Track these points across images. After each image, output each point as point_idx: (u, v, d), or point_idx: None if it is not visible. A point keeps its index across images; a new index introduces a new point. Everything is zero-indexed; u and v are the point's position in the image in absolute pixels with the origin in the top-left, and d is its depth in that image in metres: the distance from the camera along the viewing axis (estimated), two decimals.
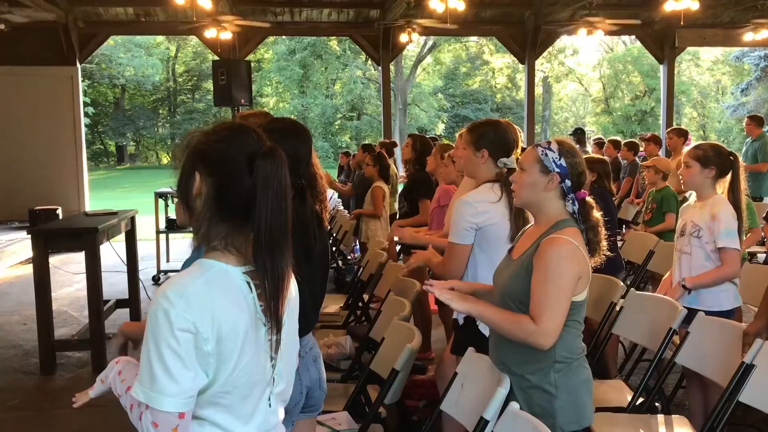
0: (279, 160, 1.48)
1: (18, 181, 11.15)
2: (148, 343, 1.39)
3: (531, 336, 2.12)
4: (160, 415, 1.39)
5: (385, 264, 4.70)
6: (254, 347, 1.48)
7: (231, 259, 1.48)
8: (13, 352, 5.79)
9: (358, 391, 3.16)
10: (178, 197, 1.53)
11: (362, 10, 12.04)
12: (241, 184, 1.46)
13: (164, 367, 1.37)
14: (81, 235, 5.34)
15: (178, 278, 1.44)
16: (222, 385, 1.45)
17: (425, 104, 36.45)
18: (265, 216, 1.44)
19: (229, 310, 1.43)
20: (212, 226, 1.48)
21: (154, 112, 39.33)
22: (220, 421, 1.48)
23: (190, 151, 1.51)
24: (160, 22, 11.98)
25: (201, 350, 1.40)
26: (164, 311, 1.37)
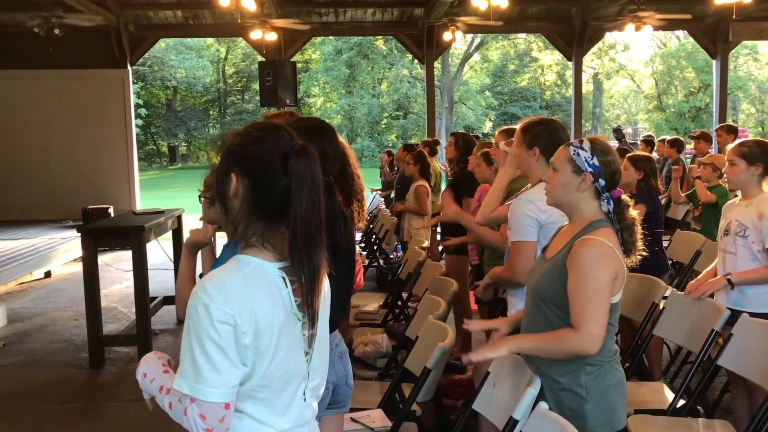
0: (311, 157, 1.52)
1: (72, 180, 11.52)
2: (189, 336, 1.43)
3: (576, 345, 2.10)
4: (206, 407, 1.42)
5: (424, 263, 4.70)
6: (290, 342, 1.52)
7: (267, 256, 1.52)
8: (65, 347, 5.99)
9: (393, 389, 3.17)
10: (216, 198, 1.57)
11: (406, 9, 12.03)
12: (276, 183, 1.49)
13: (208, 359, 1.41)
14: (128, 233, 5.49)
15: (217, 273, 1.48)
16: (259, 379, 1.48)
17: (472, 102, 36.22)
18: (300, 213, 1.48)
19: (265, 305, 1.47)
20: (249, 224, 1.51)
21: (205, 113, 40.04)
22: (257, 414, 1.52)
23: (225, 152, 1.55)
24: (207, 24, 12.20)
25: (239, 343, 1.43)
26: (204, 305, 1.41)
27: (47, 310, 7.28)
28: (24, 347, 6.00)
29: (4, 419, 4.48)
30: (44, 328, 6.62)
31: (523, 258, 2.80)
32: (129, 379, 5.22)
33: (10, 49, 11.28)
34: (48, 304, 7.61)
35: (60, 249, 8.74)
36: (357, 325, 4.60)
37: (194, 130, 39.11)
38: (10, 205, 11.31)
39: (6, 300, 7.46)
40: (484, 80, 38.58)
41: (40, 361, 5.64)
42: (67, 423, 4.44)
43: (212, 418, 1.43)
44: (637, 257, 2.27)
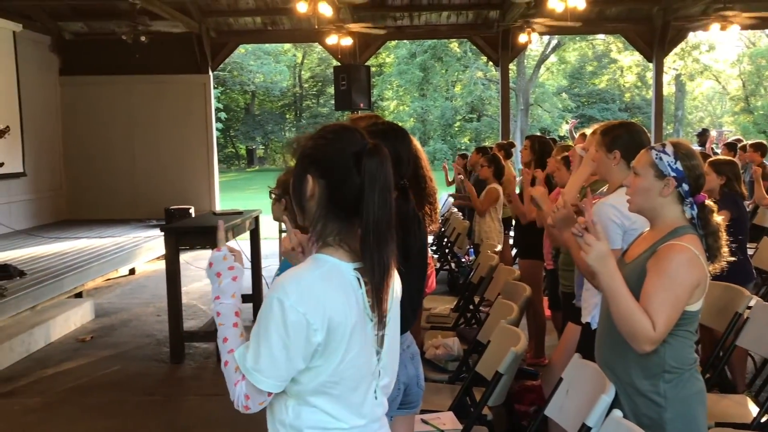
0: (383, 156, 1.56)
1: (156, 182, 11.99)
2: (260, 324, 1.50)
3: (643, 337, 2.02)
4: (254, 390, 1.52)
5: (497, 267, 4.67)
6: (362, 341, 1.56)
7: (343, 255, 1.56)
8: (147, 341, 6.24)
9: (464, 392, 3.17)
10: (293, 200, 1.62)
11: (481, 12, 11.97)
12: (350, 183, 1.53)
13: (270, 351, 1.48)
14: (208, 232, 5.69)
15: (295, 271, 1.53)
16: (330, 375, 1.53)
17: (548, 104, 35.62)
18: (373, 210, 1.52)
19: (340, 304, 1.51)
20: (327, 223, 1.56)
21: (282, 117, 40.88)
22: (330, 410, 1.56)
23: (300, 155, 1.60)
24: (285, 30, 12.47)
25: (309, 341, 1.48)
26: (279, 301, 1.47)
27: (131, 306, 7.60)
28: (110, 341, 6.29)
29: (92, 409, 4.71)
30: (128, 323, 6.92)
31: None
32: (207, 374, 5.42)
33: (100, 55, 11.84)
34: (132, 300, 7.95)
35: (144, 247, 9.11)
36: (428, 328, 4.62)
37: (271, 134, 39.97)
38: (99, 204, 11.88)
39: (93, 295, 7.83)
40: (561, 82, 37.87)
41: (124, 354, 5.90)
42: (149, 414, 4.64)
43: (254, 401, 1.53)
44: (721, 264, 2.20)
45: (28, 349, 5.82)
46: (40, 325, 6.06)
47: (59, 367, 5.53)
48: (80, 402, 4.83)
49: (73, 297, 7.19)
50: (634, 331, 2.04)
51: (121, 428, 4.43)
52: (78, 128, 12.01)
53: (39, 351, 5.91)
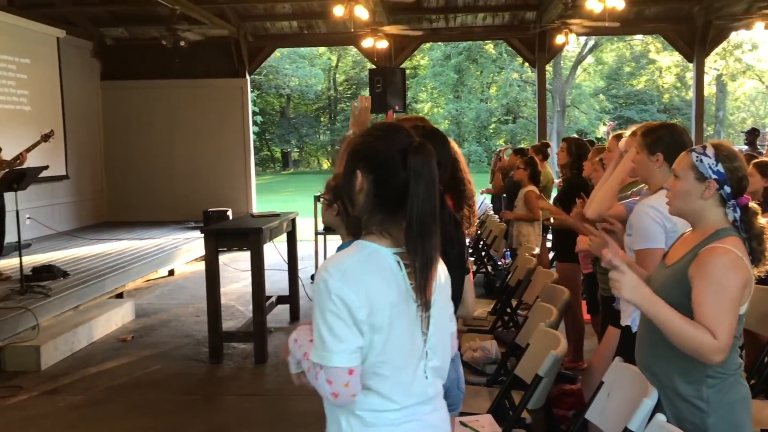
0: (428, 153, 1.65)
1: (194, 184, 12.18)
2: (316, 312, 1.61)
3: (707, 350, 1.98)
4: (332, 372, 1.59)
5: (535, 270, 4.63)
6: (405, 321, 1.64)
7: (384, 242, 1.66)
8: (187, 341, 6.34)
9: (503, 395, 3.15)
10: (343, 194, 1.74)
11: (517, 13, 11.90)
12: (397, 178, 1.63)
13: (329, 328, 1.58)
14: (247, 234, 5.76)
15: (338, 255, 1.68)
16: (378, 355, 1.61)
17: (585, 106, 35.23)
18: (417, 204, 1.61)
19: (379, 285, 1.61)
20: (372, 215, 1.67)
21: (316, 120, 41.16)
22: (381, 389, 1.64)
23: (350, 152, 1.71)
24: (321, 33, 12.56)
25: (354, 317, 1.58)
26: (324, 281, 1.59)
27: (170, 307, 7.73)
28: (150, 341, 6.40)
29: (134, 408, 4.80)
30: (168, 323, 7.03)
31: (652, 265, 2.71)
32: (245, 374, 5.49)
33: (140, 60, 12.09)
34: (171, 300, 8.08)
35: (183, 249, 9.25)
36: (465, 331, 4.60)
37: (306, 137, 40.28)
38: (139, 206, 12.12)
39: (134, 296, 7.98)
40: (598, 83, 37.41)
41: (164, 354, 6.00)
42: (189, 413, 4.71)
43: (337, 382, 1.59)
44: (766, 266, 2.16)
45: (72, 348, 5.95)
46: (83, 324, 6.20)
47: (101, 366, 5.65)
48: (122, 400, 4.93)
49: (114, 297, 7.34)
50: (696, 347, 2.00)
51: (161, 427, 4.51)
52: (118, 132, 12.27)
53: (82, 350, 6.04)
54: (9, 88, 9.56)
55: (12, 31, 9.54)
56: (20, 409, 4.76)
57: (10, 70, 9.59)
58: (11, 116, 9.35)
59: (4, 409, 4.73)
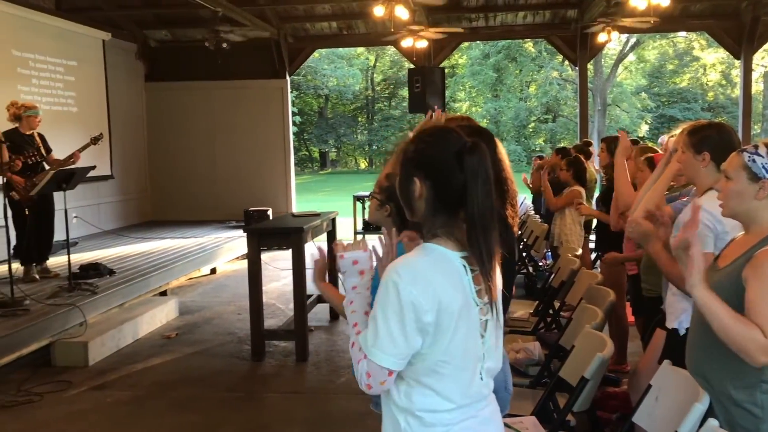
0: (483, 152, 1.68)
1: (235, 184, 12.34)
2: (377, 306, 1.64)
3: (755, 347, 1.91)
4: (374, 368, 1.64)
5: (578, 271, 4.58)
6: (468, 324, 1.67)
7: (450, 245, 1.68)
8: (229, 339, 6.42)
9: (547, 397, 3.13)
10: (402, 203, 1.75)
11: (558, 11, 11.77)
12: (455, 181, 1.66)
13: (388, 329, 1.61)
14: (289, 234, 5.81)
15: (407, 258, 1.68)
16: (440, 355, 1.65)
17: (627, 104, 34.68)
18: (476, 202, 1.64)
19: (447, 288, 1.63)
20: (435, 219, 1.69)
21: (354, 120, 41.32)
22: (439, 388, 1.67)
23: (404, 161, 1.73)
24: (360, 34, 12.60)
25: (420, 320, 1.61)
26: (394, 283, 1.61)
27: (213, 304, 7.84)
28: (193, 338, 6.50)
29: (178, 404, 4.88)
30: (210, 320, 7.13)
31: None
32: (287, 372, 5.54)
33: (182, 62, 12.29)
34: (213, 298, 8.19)
35: (224, 248, 9.38)
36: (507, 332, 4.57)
37: (344, 137, 40.48)
38: (181, 206, 12.33)
39: (178, 294, 8.11)
40: (640, 81, 36.79)
41: (207, 351, 6.09)
42: (232, 410, 4.77)
43: (376, 378, 1.64)
44: None
45: (118, 344, 6.08)
46: (128, 321, 6.33)
47: (147, 363, 5.76)
48: (166, 396, 5.01)
49: (158, 295, 7.47)
50: (743, 345, 1.94)
51: (205, 423, 4.57)
52: (162, 133, 12.49)
53: (128, 346, 6.17)
54: (57, 90, 9.81)
55: (60, 34, 9.79)
56: (69, 403, 4.88)
57: (58, 72, 9.84)
58: (59, 117, 9.59)
59: (54, 403, 4.86)
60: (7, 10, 8.67)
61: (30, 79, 9.23)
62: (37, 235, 6.86)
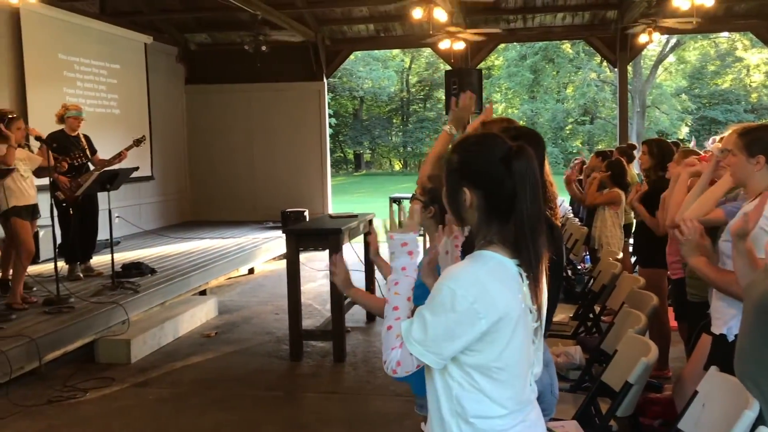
0: (529, 156, 1.68)
1: (273, 185, 12.47)
2: (430, 306, 1.64)
3: None
4: (408, 360, 1.65)
5: (620, 275, 4.52)
6: (523, 331, 1.67)
7: (505, 252, 1.68)
8: (267, 339, 6.48)
9: (589, 402, 3.10)
10: (452, 214, 1.75)
11: (598, 12, 11.64)
12: (505, 187, 1.65)
13: (435, 331, 1.61)
14: (327, 235, 5.86)
15: (465, 264, 1.68)
16: (494, 361, 1.64)
17: (666, 106, 34.10)
18: (525, 207, 1.64)
19: (507, 297, 1.63)
20: (490, 227, 1.69)
21: (389, 122, 41.36)
22: (492, 393, 1.66)
23: (449, 171, 1.72)
24: (397, 36, 12.63)
25: (473, 327, 1.60)
26: (451, 289, 1.60)
27: (251, 304, 7.92)
28: (232, 337, 6.58)
29: (218, 402, 4.95)
30: (249, 320, 7.21)
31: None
32: (325, 372, 5.57)
33: (222, 65, 12.46)
34: (252, 298, 8.28)
35: (262, 248, 9.48)
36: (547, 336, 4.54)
37: (378, 138, 40.56)
38: (220, 206, 12.50)
39: (217, 293, 8.21)
40: (680, 83, 36.14)
41: (246, 350, 6.16)
42: (271, 409, 4.82)
43: (404, 368, 1.66)
44: None
45: (159, 342, 6.18)
46: (169, 320, 6.43)
47: (187, 361, 5.85)
48: (207, 394, 5.08)
49: (198, 294, 7.58)
50: None
51: (244, 421, 4.63)
52: (201, 134, 12.68)
53: (168, 345, 6.27)
54: (101, 92, 10.03)
55: (104, 38, 10.00)
56: (113, 399, 4.98)
57: (102, 75, 10.06)
58: (103, 119, 9.80)
59: (98, 400, 4.96)
60: (53, 14, 8.90)
61: (75, 82, 9.45)
62: (81, 234, 7.03)
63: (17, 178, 5.85)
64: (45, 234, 7.49)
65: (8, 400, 4.78)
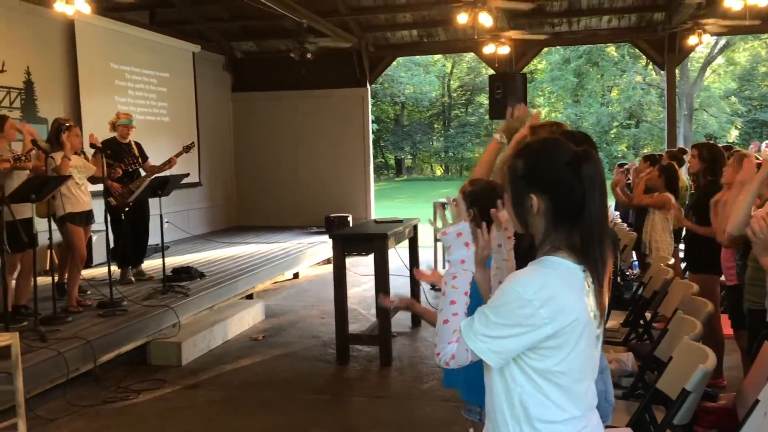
0: (597, 159, 1.67)
1: (317, 191, 12.57)
2: (495, 306, 1.62)
3: None
4: (464, 354, 1.64)
5: (672, 281, 4.44)
6: (588, 338, 1.65)
7: (571, 258, 1.65)
8: (314, 342, 6.54)
9: (643, 410, 3.05)
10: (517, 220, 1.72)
11: (645, 14, 11.45)
12: (574, 191, 1.63)
13: (499, 332, 1.60)
14: (372, 240, 5.89)
15: (533, 269, 1.65)
16: (557, 365, 1.62)
17: (715, 109, 33.29)
18: (594, 211, 1.63)
19: (575, 303, 1.61)
20: (557, 233, 1.67)
21: (430, 127, 41.27)
22: (556, 398, 1.65)
23: (514, 177, 1.70)
24: (441, 41, 12.63)
25: (538, 332, 1.58)
26: (517, 293, 1.59)
27: (297, 308, 8.01)
28: (279, 340, 6.66)
29: (267, 404, 5.02)
30: (295, 324, 7.29)
31: None
32: (372, 376, 5.60)
33: (268, 72, 12.63)
34: (297, 302, 8.37)
35: (307, 253, 9.57)
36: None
37: (419, 144, 40.51)
38: (265, 212, 12.66)
39: (263, 297, 8.32)
40: (729, 85, 35.26)
41: (293, 354, 6.22)
42: (319, 412, 4.86)
43: (457, 362, 1.65)
44: None
45: (209, 345, 6.29)
46: (218, 323, 6.54)
47: (236, 364, 5.94)
48: (256, 397, 5.16)
49: (245, 298, 7.69)
50: None
51: (293, 424, 4.68)
52: (247, 141, 12.87)
53: (218, 348, 6.38)
54: (151, 100, 10.27)
55: (154, 47, 10.24)
56: (165, 401, 5.09)
57: (152, 83, 10.30)
58: (153, 127, 10.03)
59: (151, 401, 5.08)
60: (105, 25, 9.15)
61: (126, 91, 9.70)
62: (133, 239, 7.20)
63: (72, 186, 6.03)
64: (98, 239, 7.71)
65: (66, 400, 4.93)
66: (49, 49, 8.36)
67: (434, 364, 5.74)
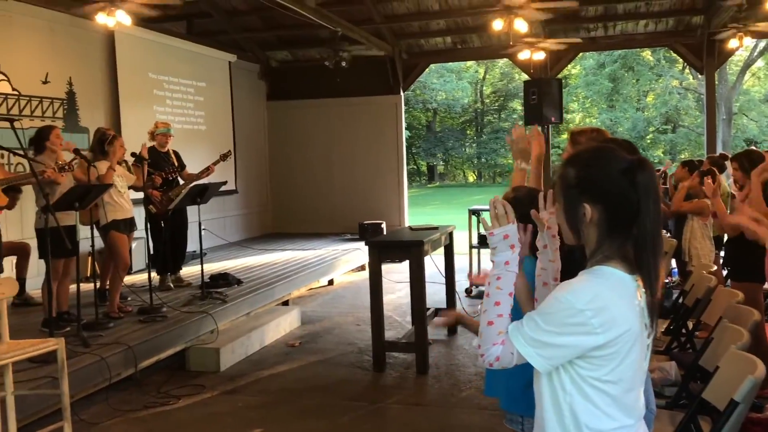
0: (652, 168, 1.66)
1: (351, 198, 12.64)
2: (545, 312, 1.62)
3: None
4: (508, 357, 1.64)
5: (715, 288, 4.36)
6: (639, 348, 1.64)
7: (624, 268, 1.64)
8: (350, 349, 6.56)
9: (689, 420, 3.00)
10: (568, 226, 1.71)
11: (683, 18, 11.29)
12: (629, 200, 1.62)
13: (548, 338, 1.59)
14: (409, 247, 5.89)
15: (585, 279, 1.64)
16: (608, 374, 1.61)
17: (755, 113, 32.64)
18: (649, 221, 1.61)
19: (628, 314, 1.60)
20: (611, 242, 1.65)
21: (462, 133, 41.15)
22: (607, 408, 1.64)
23: (566, 187, 1.69)
24: (474, 48, 12.61)
25: (587, 341, 1.57)
26: (568, 302, 1.58)
27: (332, 315, 8.04)
28: (316, 347, 6.69)
29: (305, 410, 5.04)
30: (331, 330, 7.32)
31: None
32: (408, 384, 5.59)
33: (302, 81, 12.75)
34: (332, 309, 8.40)
35: (341, 260, 9.60)
36: None
37: (452, 150, 40.41)
38: (300, 219, 12.75)
39: (299, 304, 8.37)
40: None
41: (329, 360, 6.25)
42: (357, 419, 4.86)
43: (501, 364, 1.65)
44: None
45: (246, 351, 6.35)
46: (256, 329, 6.60)
47: (273, 370, 5.98)
48: (294, 403, 5.19)
49: (281, 304, 7.75)
50: None
51: (331, 430, 4.70)
52: (282, 149, 13.00)
53: (255, 354, 6.43)
54: (188, 109, 10.43)
55: (191, 57, 10.41)
56: (204, 406, 5.15)
57: (189, 93, 10.47)
58: (190, 135, 10.18)
59: (191, 406, 5.14)
60: (144, 35, 9.33)
61: (164, 100, 9.87)
62: (172, 246, 7.31)
63: (115, 194, 6.15)
64: (137, 246, 7.85)
65: (108, 404, 5.02)
66: (91, 60, 8.55)
67: (471, 372, 5.72)
